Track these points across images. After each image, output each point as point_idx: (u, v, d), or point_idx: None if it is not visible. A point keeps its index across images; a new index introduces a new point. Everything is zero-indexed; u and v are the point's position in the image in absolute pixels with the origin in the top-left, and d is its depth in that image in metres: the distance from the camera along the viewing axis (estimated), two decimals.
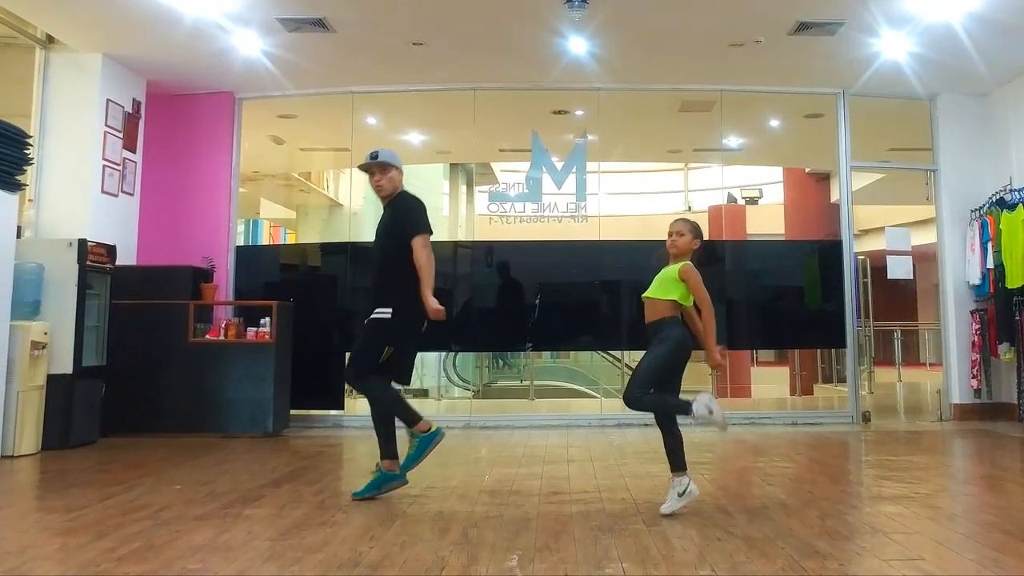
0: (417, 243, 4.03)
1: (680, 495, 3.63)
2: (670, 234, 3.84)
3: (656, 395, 3.72)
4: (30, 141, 5.80)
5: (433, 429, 4.07)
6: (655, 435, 3.82)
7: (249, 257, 7.72)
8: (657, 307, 3.77)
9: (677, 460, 3.71)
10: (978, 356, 7.10)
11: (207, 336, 6.51)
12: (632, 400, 3.70)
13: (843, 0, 5.55)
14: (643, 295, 3.84)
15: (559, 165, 7.50)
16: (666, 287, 3.77)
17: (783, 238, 12.27)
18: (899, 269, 7.47)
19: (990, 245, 6.93)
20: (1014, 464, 5.25)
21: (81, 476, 4.65)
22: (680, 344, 3.71)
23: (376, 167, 4.20)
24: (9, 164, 5.45)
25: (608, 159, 9.73)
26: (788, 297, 7.91)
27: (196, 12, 5.71)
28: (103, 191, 6.49)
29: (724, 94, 7.49)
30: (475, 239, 9.13)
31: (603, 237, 7.54)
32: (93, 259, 5.86)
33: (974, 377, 7.15)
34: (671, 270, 3.78)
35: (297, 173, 10.68)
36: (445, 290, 7.48)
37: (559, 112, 8.04)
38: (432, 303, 3.96)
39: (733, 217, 12.35)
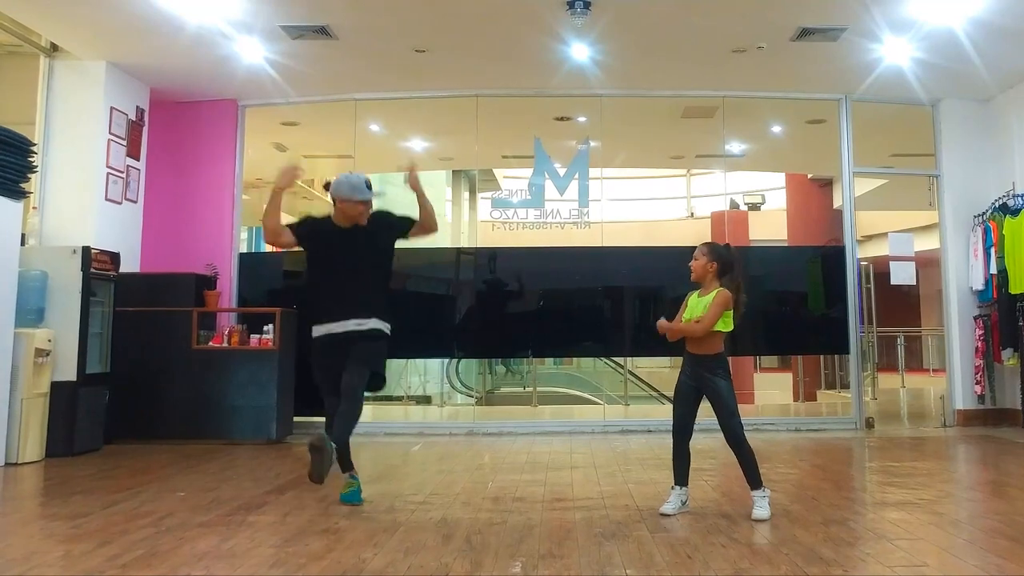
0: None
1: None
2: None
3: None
4: (34, 149, 5.82)
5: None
6: (658, 441, 3.83)
7: (252, 264, 7.73)
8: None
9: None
10: (981, 361, 7.09)
11: (211, 343, 6.51)
12: (741, 438, 3.69)
13: (845, 6, 5.56)
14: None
15: (562, 171, 7.51)
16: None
17: (786, 244, 12.29)
18: (902, 274, 7.46)
19: (993, 250, 6.92)
20: (1018, 470, 5.24)
21: (85, 483, 4.66)
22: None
23: (366, 203, 4.18)
24: (13, 172, 5.48)
25: (610, 165, 9.71)
26: (791, 303, 7.89)
27: (199, 20, 5.74)
28: (107, 198, 6.52)
29: (726, 100, 7.50)
30: (478, 245, 9.12)
31: (606, 243, 7.51)
32: (97, 266, 5.88)
33: (977, 383, 7.12)
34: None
35: (300, 180, 10.68)
36: (448, 297, 7.53)
37: (561, 118, 8.04)
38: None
39: (736, 223, 12.39)
